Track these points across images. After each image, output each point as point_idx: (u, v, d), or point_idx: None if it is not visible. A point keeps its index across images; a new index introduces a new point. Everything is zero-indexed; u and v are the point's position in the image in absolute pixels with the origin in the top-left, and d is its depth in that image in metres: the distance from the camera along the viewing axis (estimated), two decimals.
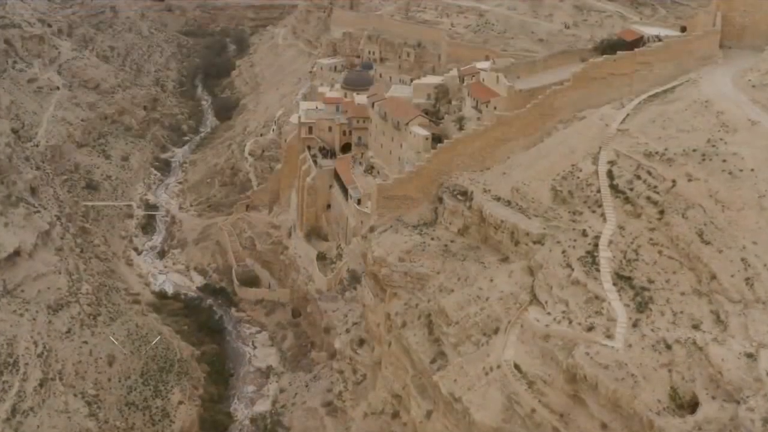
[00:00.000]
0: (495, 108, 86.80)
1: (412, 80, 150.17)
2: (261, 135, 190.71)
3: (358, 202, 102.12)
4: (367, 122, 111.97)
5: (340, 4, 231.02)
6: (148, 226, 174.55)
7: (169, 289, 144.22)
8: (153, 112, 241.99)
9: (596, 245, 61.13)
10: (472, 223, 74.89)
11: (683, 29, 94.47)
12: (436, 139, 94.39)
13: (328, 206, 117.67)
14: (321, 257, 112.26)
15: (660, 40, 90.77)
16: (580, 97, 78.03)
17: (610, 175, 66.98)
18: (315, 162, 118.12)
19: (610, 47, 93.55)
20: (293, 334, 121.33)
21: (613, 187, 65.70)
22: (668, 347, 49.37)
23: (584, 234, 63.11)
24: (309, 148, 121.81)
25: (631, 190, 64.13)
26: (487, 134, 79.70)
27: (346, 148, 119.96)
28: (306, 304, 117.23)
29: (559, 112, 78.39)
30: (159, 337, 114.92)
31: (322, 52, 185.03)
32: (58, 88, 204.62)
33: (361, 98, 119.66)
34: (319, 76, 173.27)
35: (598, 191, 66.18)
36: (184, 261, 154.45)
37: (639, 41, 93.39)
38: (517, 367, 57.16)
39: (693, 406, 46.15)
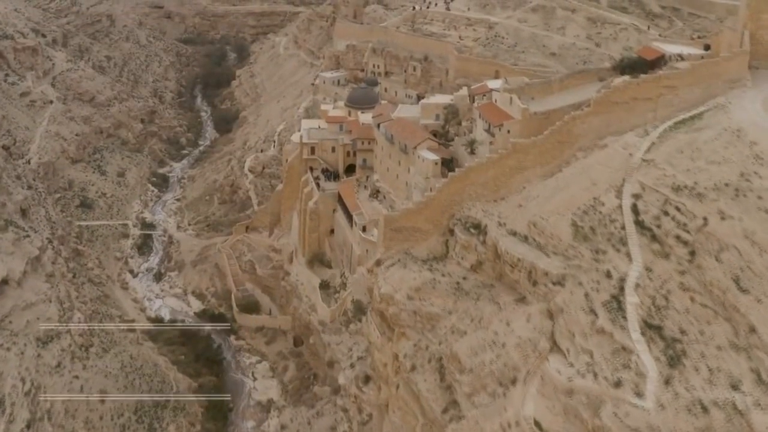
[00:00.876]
0: (508, 131, 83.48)
1: (418, 95, 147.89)
2: (261, 151, 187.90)
3: (363, 229, 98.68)
4: (373, 144, 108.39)
5: (343, 12, 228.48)
6: (144, 246, 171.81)
7: (166, 315, 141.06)
8: (150, 125, 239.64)
9: (622, 288, 57.78)
10: (486, 259, 71.52)
11: (707, 47, 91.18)
12: (446, 163, 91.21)
13: (332, 231, 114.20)
14: (324, 286, 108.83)
15: (682, 58, 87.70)
16: (600, 123, 74.67)
17: (635, 210, 63.63)
18: (317, 185, 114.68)
19: (629, 66, 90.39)
20: (295, 364, 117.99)
21: (639, 224, 62.32)
22: (705, 410, 46.00)
23: (608, 275, 59.74)
24: (311, 169, 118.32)
25: (659, 227, 60.77)
26: (502, 162, 76.30)
27: (350, 169, 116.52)
28: (308, 332, 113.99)
29: (578, 139, 75.04)
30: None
31: (325, 64, 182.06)
32: (51, 101, 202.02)
33: (365, 117, 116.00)
34: (322, 89, 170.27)
35: (623, 228, 62.80)
36: (181, 284, 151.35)
37: (660, 60, 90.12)
38: (537, 424, 53.85)
39: None
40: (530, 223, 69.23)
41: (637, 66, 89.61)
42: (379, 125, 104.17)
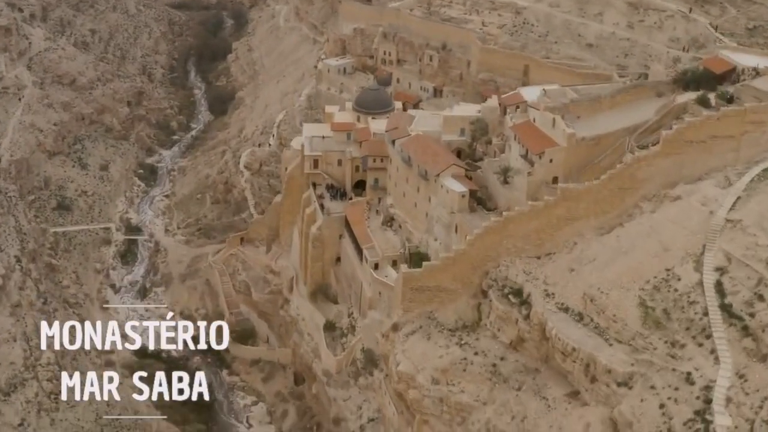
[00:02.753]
0: (551, 161, 73.16)
1: (435, 88, 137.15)
2: (259, 145, 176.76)
3: (376, 266, 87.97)
4: (386, 161, 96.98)
5: None
6: (128, 254, 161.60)
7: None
8: (138, 108, 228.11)
9: (708, 402, 47.74)
10: (529, 337, 61.33)
11: None
12: (474, 193, 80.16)
13: (338, 259, 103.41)
14: (329, 326, 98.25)
15: (758, 73, 77.12)
16: (671, 165, 64.49)
17: (719, 289, 53.49)
18: (321, 206, 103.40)
19: (694, 80, 79.87)
20: (296, 409, 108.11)
21: (725, 309, 52.28)
22: None
23: (689, 380, 49.86)
24: (314, 185, 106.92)
25: (752, 316, 50.75)
26: (548, 212, 66.11)
27: (359, 184, 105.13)
28: (310, 375, 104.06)
29: (643, 185, 64.96)
30: None
31: (329, 49, 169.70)
32: (26, 86, 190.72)
33: (377, 125, 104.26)
34: (326, 78, 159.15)
35: (705, 314, 52.69)
36: (168, 302, 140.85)
37: (731, 73, 79.44)
38: None
39: None
40: (586, 297, 59.09)
41: (703, 80, 79.43)
42: (394, 141, 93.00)
